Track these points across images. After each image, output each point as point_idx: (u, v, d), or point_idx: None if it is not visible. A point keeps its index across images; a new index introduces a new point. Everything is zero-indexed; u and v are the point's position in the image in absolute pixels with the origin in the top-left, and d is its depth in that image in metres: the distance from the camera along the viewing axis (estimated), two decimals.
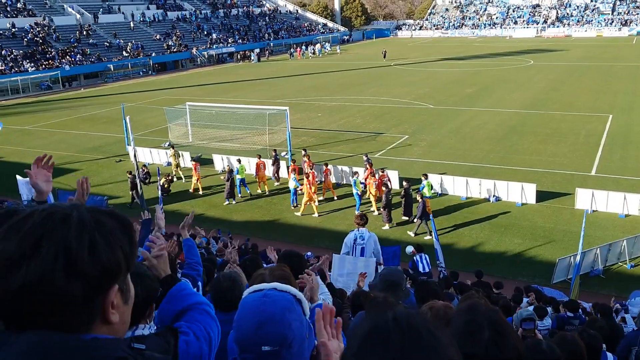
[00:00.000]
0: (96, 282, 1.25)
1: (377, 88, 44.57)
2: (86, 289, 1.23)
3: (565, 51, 66.03)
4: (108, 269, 1.27)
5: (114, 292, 1.32)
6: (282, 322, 2.16)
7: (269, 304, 2.21)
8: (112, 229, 1.31)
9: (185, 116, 30.24)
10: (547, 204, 19.13)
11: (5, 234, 1.24)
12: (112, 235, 1.29)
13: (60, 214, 1.26)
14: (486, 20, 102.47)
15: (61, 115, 39.46)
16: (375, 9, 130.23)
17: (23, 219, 1.26)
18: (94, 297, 1.26)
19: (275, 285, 2.35)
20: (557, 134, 27.68)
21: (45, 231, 1.22)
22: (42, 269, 1.19)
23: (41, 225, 1.24)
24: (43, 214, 1.26)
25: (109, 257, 1.27)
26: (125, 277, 1.38)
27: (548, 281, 14.41)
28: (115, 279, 1.32)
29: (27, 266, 1.19)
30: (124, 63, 62.27)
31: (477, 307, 1.94)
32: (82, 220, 1.27)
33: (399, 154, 25.80)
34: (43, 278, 1.19)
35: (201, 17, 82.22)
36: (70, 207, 1.30)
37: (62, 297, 1.21)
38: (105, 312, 1.31)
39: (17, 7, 64.23)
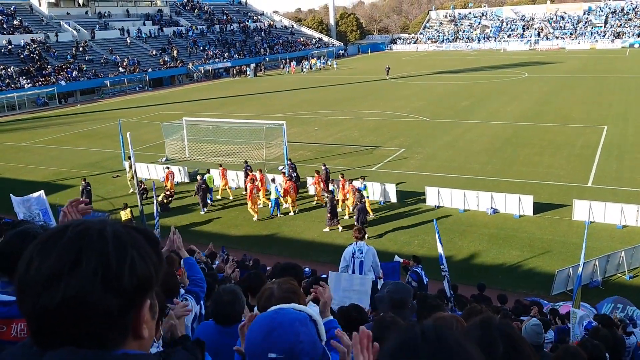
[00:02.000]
0: (131, 297, 1.25)
1: (373, 102, 44.74)
2: (122, 304, 1.23)
3: (559, 63, 66.49)
4: (142, 284, 1.27)
5: (147, 306, 1.32)
6: (290, 331, 2.16)
7: (281, 315, 2.21)
8: (142, 243, 1.31)
9: (182, 131, 30.26)
10: (545, 216, 19.15)
11: (41, 251, 1.24)
12: (143, 249, 1.30)
13: (95, 228, 1.27)
14: (480, 34, 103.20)
15: (58, 131, 39.44)
16: (370, 23, 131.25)
17: (58, 233, 1.26)
18: (128, 312, 1.26)
19: (293, 306, 2.33)
20: (553, 146, 27.79)
21: (83, 245, 1.22)
22: (82, 284, 1.19)
23: (78, 239, 1.23)
24: (78, 229, 1.26)
25: (143, 271, 1.27)
26: (154, 292, 1.38)
27: (547, 293, 14.39)
28: (148, 294, 1.32)
29: (67, 282, 1.18)
30: (120, 79, 62.41)
31: (490, 322, 1.94)
32: (117, 235, 1.27)
33: (396, 167, 25.84)
34: (82, 294, 1.19)
35: (197, 33, 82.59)
36: (101, 222, 1.30)
37: (99, 312, 1.20)
38: (137, 327, 1.31)
39: (14, 24, 64.44)
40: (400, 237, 18.49)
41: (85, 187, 22.44)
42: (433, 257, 15.91)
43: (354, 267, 10.82)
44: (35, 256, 1.24)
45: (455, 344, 1.26)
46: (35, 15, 69.41)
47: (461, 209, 20.10)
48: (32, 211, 12.17)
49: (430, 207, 20.51)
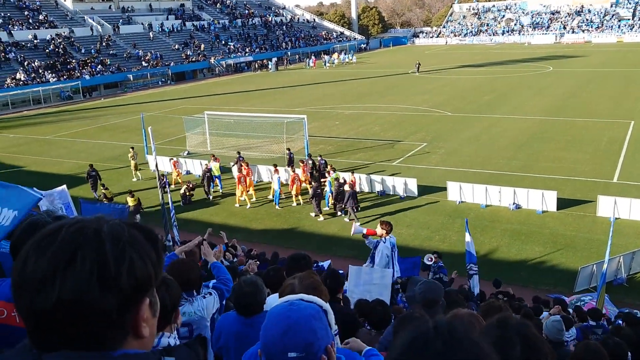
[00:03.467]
0: (129, 296, 1.23)
1: (394, 96, 44.49)
2: (120, 303, 1.21)
3: (585, 57, 65.42)
4: (141, 283, 1.25)
5: (146, 305, 1.31)
6: (307, 329, 2.14)
7: (295, 312, 2.19)
8: (141, 241, 1.29)
9: (203, 125, 30.42)
10: (568, 212, 18.87)
11: (36, 250, 1.22)
12: (142, 248, 1.28)
13: (91, 227, 1.25)
14: (504, 27, 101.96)
15: (81, 124, 39.93)
16: (392, 17, 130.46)
17: (52, 233, 1.24)
18: (126, 312, 1.24)
19: (302, 296, 2.34)
20: (578, 141, 27.37)
21: (77, 245, 1.20)
22: (77, 284, 1.17)
23: (73, 239, 1.22)
24: (73, 228, 1.24)
25: (141, 270, 1.25)
26: (153, 290, 1.36)
27: (570, 290, 14.19)
28: (146, 292, 1.30)
29: (62, 282, 1.16)
30: (143, 73, 62.93)
31: (507, 321, 1.90)
32: (114, 233, 1.25)
33: (417, 161, 25.68)
34: (78, 293, 1.17)
35: (219, 27, 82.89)
36: (98, 220, 1.28)
37: (96, 312, 1.19)
38: (137, 327, 1.29)
39: (39, 19, 65.31)
40: (422, 232, 18.37)
41: (89, 172, 23.26)
42: (455, 252, 15.84)
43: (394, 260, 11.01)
44: (31, 255, 1.22)
45: (467, 339, 1.24)
46: (60, 10, 70.24)
47: (483, 205, 19.90)
48: (55, 205, 12.33)
49: (451, 202, 20.35)
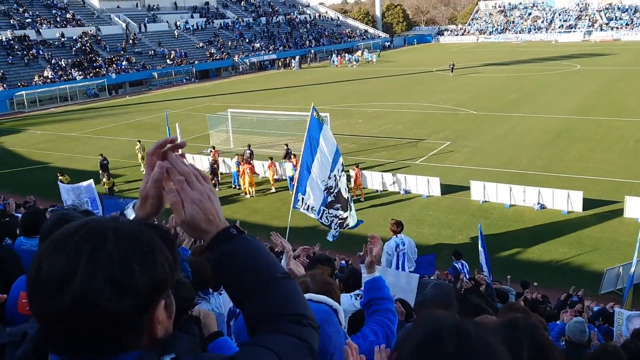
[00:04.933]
0: (145, 298, 1.22)
1: (418, 94, 44.20)
2: (135, 305, 1.20)
3: (614, 55, 64.25)
4: (156, 284, 1.24)
5: (162, 307, 1.29)
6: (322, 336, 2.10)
7: None
8: (156, 242, 1.27)
9: (226, 123, 30.55)
10: (595, 212, 18.52)
11: (52, 251, 1.21)
12: (157, 249, 1.26)
13: (106, 228, 1.23)
14: (531, 25, 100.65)
15: (107, 122, 40.42)
16: (417, 14, 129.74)
17: (68, 234, 1.24)
18: (142, 314, 1.23)
19: (311, 296, 2.29)
20: (605, 141, 26.88)
21: (93, 247, 1.19)
22: (93, 286, 1.16)
23: (88, 240, 1.21)
24: (84, 230, 1.23)
25: (155, 271, 1.23)
26: (169, 291, 1.35)
27: (595, 292, 13.92)
28: (162, 294, 1.28)
29: (76, 285, 1.16)
30: (167, 71, 63.50)
31: (516, 323, 1.84)
32: (130, 234, 1.24)
33: (441, 160, 25.46)
34: (92, 297, 1.16)
35: (243, 25, 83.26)
36: (112, 220, 1.27)
37: (111, 315, 1.17)
38: (152, 328, 1.27)
39: (67, 18, 66.29)
40: (444, 231, 18.20)
41: (102, 162, 24.15)
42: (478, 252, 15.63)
43: (397, 259, 10.83)
44: (45, 258, 1.21)
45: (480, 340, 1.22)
46: (87, 9, 71.20)
47: (507, 204, 19.64)
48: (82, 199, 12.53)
49: (475, 202, 20.13)
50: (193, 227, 1.49)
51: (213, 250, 1.50)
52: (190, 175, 1.52)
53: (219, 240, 1.50)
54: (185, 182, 1.50)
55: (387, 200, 21.18)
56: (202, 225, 1.49)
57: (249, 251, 1.51)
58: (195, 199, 1.48)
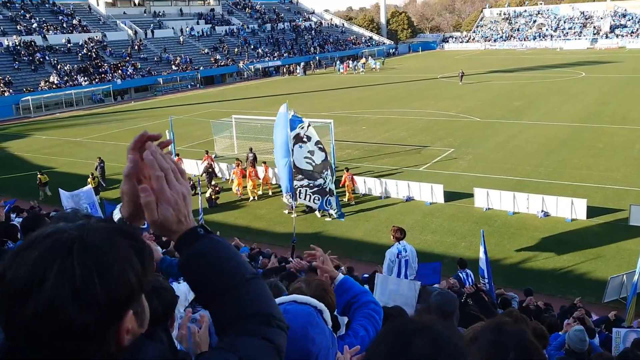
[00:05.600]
0: (109, 312, 1.18)
1: (422, 101, 44.22)
2: (99, 319, 1.16)
3: (619, 63, 64.17)
4: (120, 295, 1.19)
5: (129, 318, 1.25)
6: (305, 338, 2.10)
7: (291, 321, 2.15)
8: (123, 249, 1.23)
9: (231, 129, 30.61)
10: (599, 220, 18.47)
11: (16, 262, 1.18)
12: (123, 257, 1.21)
13: (66, 239, 1.19)
14: (535, 32, 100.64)
15: (112, 127, 40.55)
16: (422, 21, 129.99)
17: (33, 243, 1.20)
18: (108, 326, 1.19)
19: (295, 297, 2.30)
20: (609, 148, 26.82)
21: (53, 259, 1.16)
22: (51, 300, 1.13)
23: (51, 252, 1.17)
24: (49, 241, 1.19)
25: (120, 282, 1.18)
26: (139, 300, 1.30)
27: (598, 300, 13.86)
28: (129, 304, 1.24)
29: (37, 295, 1.13)
30: (172, 77, 63.71)
31: (503, 327, 1.83)
32: (90, 244, 1.19)
33: (445, 167, 25.44)
34: (53, 310, 1.13)
35: (248, 32, 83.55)
36: (78, 228, 1.22)
37: (73, 329, 1.14)
38: (119, 339, 1.23)
39: (73, 24, 66.64)
40: (447, 239, 18.17)
41: (99, 164, 25.12)
42: None
43: (399, 266, 10.80)
44: (9, 267, 1.18)
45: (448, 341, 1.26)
46: (93, 15, 71.61)
47: (510, 212, 19.59)
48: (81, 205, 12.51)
49: (478, 209, 20.09)
50: (163, 228, 1.46)
51: (179, 250, 1.48)
52: (169, 171, 1.49)
53: (185, 240, 1.48)
54: (163, 180, 1.46)
55: (390, 206, 21.16)
56: (173, 226, 1.46)
57: (216, 251, 1.48)
58: (171, 200, 1.45)
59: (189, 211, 1.51)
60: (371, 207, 21.36)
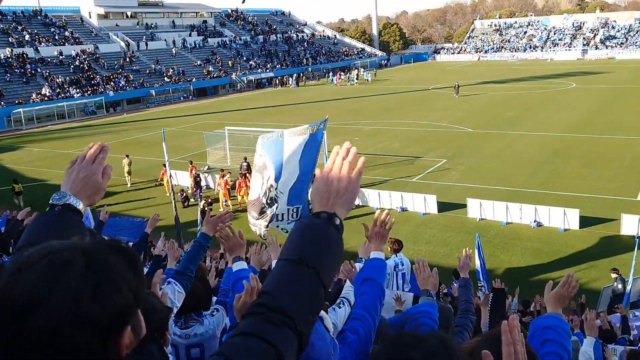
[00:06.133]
0: (107, 328, 1.18)
1: (415, 112, 44.39)
2: (98, 336, 1.16)
3: (609, 73, 64.73)
4: (117, 312, 1.19)
5: (127, 333, 1.25)
6: None
7: None
8: (118, 266, 1.23)
9: (224, 140, 30.60)
10: (591, 230, 18.54)
11: (12, 280, 1.18)
12: (118, 274, 1.21)
13: (61, 259, 1.19)
14: (526, 43, 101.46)
15: (104, 139, 40.38)
16: (414, 33, 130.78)
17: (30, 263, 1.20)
18: (107, 343, 1.19)
19: None
20: (601, 158, 26.98)
21: (49, 281, 1.16)
22: (50, 319, 1.12)
23: (44, 274, 1.17)
24: (45, 262, 1.19)
25: (116, 299, 1.19)
26: (136, 314, 1.31)
27: (592, 309, 13.86)
28: (127, 321, 1.24)
29: (36, 315, 1.13)
30: (165, 88, 63.70)
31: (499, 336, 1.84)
32: (89, 262, 1.20)
33: (437, 178, 25.50)
34: (52, 328, 1.12)
35: (240, 43, 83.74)
36: (71, 247, 1.22)
37: (75, 347, 1.14)
38: (117, 353, 1.23)
39: (65, 36, 66.63)
40: (440, 249, 18.17)
41: None
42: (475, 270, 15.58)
43: (396, 279, 10.73)
44: (6, 288, 1.17)
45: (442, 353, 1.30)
46: (86, 27, 71.64)
47: (504, 222, 19.65)
48: None
49: (472, 219, 20.12)
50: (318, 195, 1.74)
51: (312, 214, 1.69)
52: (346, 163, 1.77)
53: (319, 215, 1.66)
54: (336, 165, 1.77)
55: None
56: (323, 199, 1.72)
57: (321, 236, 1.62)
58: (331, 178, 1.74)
59: (342, 201, 1.72)
60: (365, 218, 21.33)
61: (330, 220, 1.64)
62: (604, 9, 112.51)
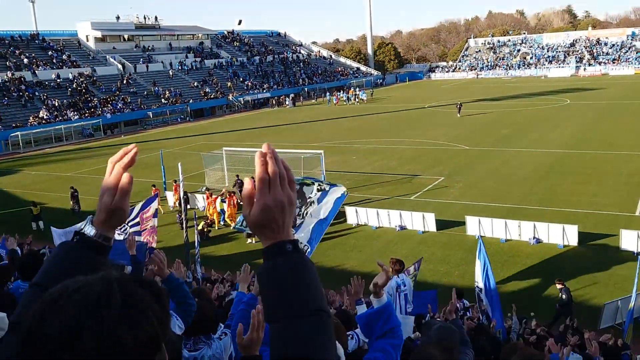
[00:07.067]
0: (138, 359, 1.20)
1: (411, 130, 44.60)
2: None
3: (603, 89, 65.26)
4: (148, 344, 1.22)
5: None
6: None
7: None
8: (146, 300, 1.26)
9: (221, 161, 30.67)
10: (591, 246, 18.58)
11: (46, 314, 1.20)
12: (147, 307, 1.25)
13: (95, 292, 1.22)
14: (520, 61, 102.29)
15: (102, 161, 40.39)
16: (408, 52, 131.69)
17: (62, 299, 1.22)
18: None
19: None
20: (598, 174, 27.10)
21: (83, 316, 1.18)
22: (86, 351, 1.15)
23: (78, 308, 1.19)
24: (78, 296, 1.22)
25: (148, 331, 1.22)
26: (162, 347, 1.33)
27: (594, 327, 13.85)
28: (155, 353, 1.27)
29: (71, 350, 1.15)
30: (162, 110, 63.91)
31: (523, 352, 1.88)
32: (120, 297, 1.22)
33: (435, 196, 25.56)
34: None
35: (237, 64, 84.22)
36: (103, 280, 1.25)
37: None
38: None
39: (62, 59, 66.98)
40: (440, 267, 18.17)
41: (72, 193, 26.55)
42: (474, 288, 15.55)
43: (399, 300, 10.69)
44: (40, 322, 1.20)
45: None
46: (83, 50, 72.06)
47: (503, 239, 19.67)
48: None
49: (471, 237, 20.14)
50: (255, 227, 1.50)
51: (264, 257, 1.49)
52: (276, 177, 1.50)
53: (272, 250, 1.48)
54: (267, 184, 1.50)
55: (383, 236, 21.16)
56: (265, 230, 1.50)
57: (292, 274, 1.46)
58: (266, 205, 1.48)
59: (286, 222, 1.50)
60: (364, 237, 21.36)
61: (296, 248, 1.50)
62: (596, 26, 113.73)
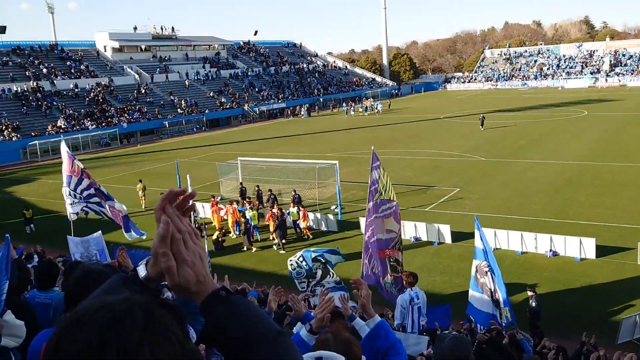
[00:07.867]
0: None
1: (427, 141, 44.47)
2: None
3: (621, 101, 64.64)
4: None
5: None
6: None
7: None
8: (167, 320, 1.27)
9: (236, 171, 30.76)
10: (608, 259, 18.30)
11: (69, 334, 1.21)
12: (169, 327, 1.26)
13: (120, 311, 1.23)
14: (536, 72, 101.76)
15: (118, 170, 40.79)
16: (424, 63, 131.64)
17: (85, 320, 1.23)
18: None
19: (322, 354, 2.28)
20: (615, 186, 26.77)
21: (107, 336, 1.19)
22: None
23: (102, 329, 1.20)
24: (99, 316, 1.23)
25: (170, 351, 1.22)
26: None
27: (612, 342, 13.60)
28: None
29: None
30: (178, 120, 64.42)
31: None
32: (143, 319, 1.23)
33: (451, 207, 25.39)
34: None
35: (252, 75, 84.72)
36: (127, 300, 1.27)
37: None
38: None
39: (81, 69, 67.82)
40: (455, 279, 17.99)
41: None
42: None
43: (412, 313, 10.61)
44: (64, 342, 1.20)
45: None
46: (101, 60, 72.94)
47: (519, 252, 19.45)
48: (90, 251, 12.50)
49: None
50: (185, 289, 1.48)
51: (203, 315, 1.49)
52: (185, 234, 1.51)
53: (209, 304, 1.49)
54: (181, 242, 1.49)
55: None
56: (194, 287, 1.48)
57: (239, 315, 1.49)
58: (189, 261, 1.48)
59: (207, 271, 1.53)
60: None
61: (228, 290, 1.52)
62: (614, 37, 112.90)
